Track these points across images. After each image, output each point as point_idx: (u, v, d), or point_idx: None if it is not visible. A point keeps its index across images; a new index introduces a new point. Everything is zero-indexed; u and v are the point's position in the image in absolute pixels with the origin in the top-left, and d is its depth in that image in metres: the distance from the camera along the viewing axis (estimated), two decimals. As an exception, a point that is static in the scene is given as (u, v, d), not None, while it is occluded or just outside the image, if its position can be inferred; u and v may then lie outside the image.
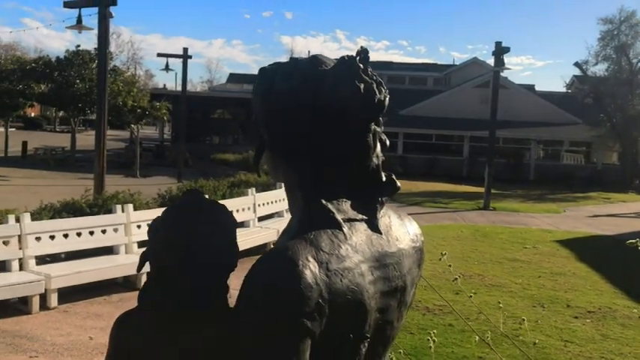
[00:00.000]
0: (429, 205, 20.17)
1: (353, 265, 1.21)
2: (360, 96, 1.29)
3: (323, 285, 1.13)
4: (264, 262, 1.16)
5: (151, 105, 25.76)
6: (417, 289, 5.53)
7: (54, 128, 56.43)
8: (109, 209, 8.88)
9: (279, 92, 1.30)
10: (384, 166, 1.40)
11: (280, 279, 1.12)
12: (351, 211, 1.31)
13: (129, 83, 26.16)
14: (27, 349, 6.05)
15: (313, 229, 1.21)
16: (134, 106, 24.84)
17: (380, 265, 1.28)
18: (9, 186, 19.08)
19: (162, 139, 39.47)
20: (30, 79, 26.95)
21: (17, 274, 7.40)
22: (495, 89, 20.82)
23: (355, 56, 1.32)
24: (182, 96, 23.88)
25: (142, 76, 71.86)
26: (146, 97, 25.96)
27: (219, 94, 39.52)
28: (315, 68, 1.31)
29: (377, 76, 1.36)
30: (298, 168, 1.32)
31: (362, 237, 1.28)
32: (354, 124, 1.30)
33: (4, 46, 63.82)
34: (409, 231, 1.45)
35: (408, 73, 49.39)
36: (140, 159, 25.97)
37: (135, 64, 67.84)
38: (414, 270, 1.41)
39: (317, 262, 1.15)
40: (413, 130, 34.61)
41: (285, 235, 1.26)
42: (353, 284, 1.19)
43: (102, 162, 12.30)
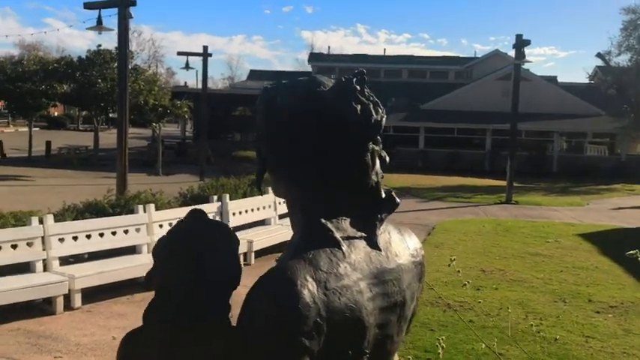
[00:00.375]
0: (450, 200, 20.08)
1: (351, 282, 1.24)
2: (357, 117, 1.32)
3: (321, 303, 1.16)
4: (264, 282, 1.19)
5: (172, 103, 25.96)
6: (437, 286, 5.52)
7: (77, 127, 57.13)
8: (131, 209, 8.99)
9: (279, 113, 1.34)
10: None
11: (279, 299, 1.15)
12: (351, 228, 1.34)
13: (150, 82, 26.37)
14: (51, 350, 6.16)
15: (312, 248, 1.24)
16: (155, 104, 25.06)
17: (379, 281, 1.31)
18: (34, 186, 19.39)
19: (184, 136, 39.75)
20: (52, 80, 27.31)
21: (41, 275, 7.53)
22: (516, 82, 20.62)
23: (352, 78, 1.36)
24: (203, 94, 24.00)
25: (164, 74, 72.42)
26: (167, 96, 26.18)
27: (240, 91, 39.63)
28: (313, 89, 1.34)
29: (373, 96, 1.39)
30: (298, 187, 1.35)
31: (361, 254, 1.31)
32: (353, 144, 1.34)
33: (27, 46, 64.70)
34: (409, 246, 1.47)
35: (429, 67, 49.09)
36: (162, 157, 26.20)
37: (156, 62, 68.40)
38: (413, 284, 1.44)
39: (315, 281, 1.18)
40: (434, 125, 34.42)
41: (286, 252, 1.29)
42: (351, 302, 1.22)
43: (124, 161, 12.45)
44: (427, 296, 7.85)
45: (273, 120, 1.36)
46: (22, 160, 28.24)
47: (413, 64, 49.70)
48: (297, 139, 1.32)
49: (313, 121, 1.31)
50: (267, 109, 1.37)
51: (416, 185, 23.97)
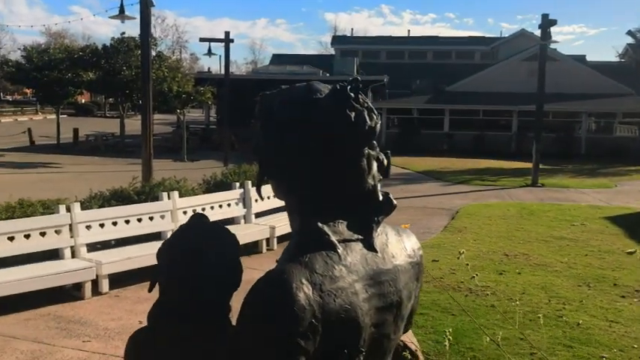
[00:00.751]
0: (475, 183, 19.95)
1: (346, 284, 1.29)
2: (351, 124, 1.36)
3: (316, 305, 1.22)
4: (261, 285, 1.25)
5: (196, 90, 26.09)
6: (460, 271, 5.53)
7: (104, 114, 57.75)
8: (156, 196, 9.12)
9: (276, 120, 1.39)
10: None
11: (275, 302, 1.20)
12: (347, 231, 1.39)
13: (173, 69, 26.51)
14: (80, 334, 6.32)
15: (309, 252, 1.30)
16: (179, 91, 25.21)
17: (375, 282, 1.36)
18: (62, 173, 19.73)
19: (208, 122, 39.95)
20: (78, 68, 27.62)
21: (70, 262, 7.71)
22: (542, 63, 20.31)
23: (347, 85, 1.40)
24: (225, 80, 24.07)
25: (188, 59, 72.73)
26: (191, 82, 26.30)
27: (263, 75, 39.55)
28: (310, 97, 1.39)
29: (368, 102, 1.43)
30: (295, 192, 1.41)
31: (357, 256, 1.36)
32: (347, 150, 1.38)
33: (54, 34, 65.47)
34: (406, 247, 1.52)
35: (455, 48, 48.51)
36: (187, 143, 26.41)
37: (180, 47, 68.71)
38: (410, 284, 1.49)
39: (311, 284, 1.24)
40: (459, 107, 34.07)
41: (284, 255, 1.35)
42: (346, 303, 1.27)
43: (149, 149, 12.60)
44: (449, 281, 7.87)
45: (270, 127, 1.40)
46: (50, 147, 28.70)
47: (438, 45, 49.13)
48: (292, 145, 1.36)
49: (309, 129, 1.35)
50: (264, 116, 1.42)
51: (440, 169, 23.85)
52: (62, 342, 6.10)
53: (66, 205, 7.98)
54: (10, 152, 26.85)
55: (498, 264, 8.96)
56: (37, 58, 28.47)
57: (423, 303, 6.97)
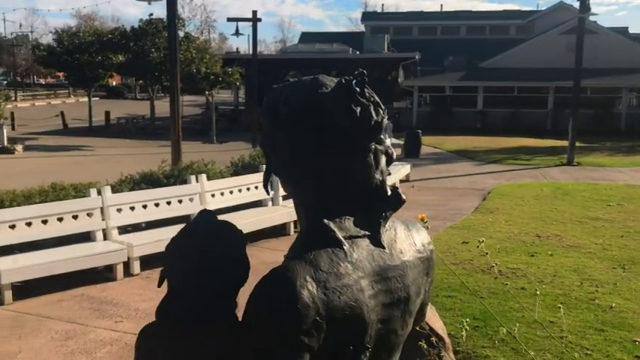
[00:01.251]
0: (508, 162, 19.68)
1: (352, 281, 1.28)
2: (356, 119, 1.34)
3: (320, 303, 1.22)
4: (265, 282, 1.25)
5: (224, 71, 26.10)
6: (491, 253, 5.41)
7: (135, 96, 58.31)
8: (185, 179, 9.19)
9: (282, 115, 1.37)
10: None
11: (279, 299, 1.21)
12: (354, 227, 1.37)
13: (201, 50, 26.53)
14: (112, 315, 6.44)
15: (314, 249, 1.29)
16: (207, 72, 25.25)
17: (381, 278, 1.35)
18: (94, 156, 20.03)
19: (237, 103, 40.05)
20: (108, 50, 27.87)
21: (102, 244, 7.84)
22: (580, 37, 19.79)
23: (352, 79, 1.37)
24: (253, 60, 24.04)
25: (216, 39, 72.85)
26: (219, 63, 26.32)
27: (291, 55, 39.52)
28: (315, 91, 1.36)
29: (375, 97, 1.40)
30: (300, 188, 1.40)
31: (363, 253, 1.35)
32: (353, 145, 1.36)
33: (84, 16, 66.17)
34: (415, 242, 1.50)
35: (489, 22, 47.67)
36: (216, 125, 26.53)
37: (208, 27, 68.80)
38: (419, 279, 1.48)
39: (315, 281, 1.24)
40: (493, 84, 33.40)
41: (290, 251, 1.34)
42: (351, 300, 1.27)
43: (177, 132, 12.67)
44: (479, 263, 7.79)
45: (276, 122, 1.39)
46: (83, 130, 29.15)
47: (471, 20, 48.34)
48: (297, 141, 1.35)
49: (314, 124, 1.34)
50: (270, 111, 1.41)
51: (473, 147, 23.57)
52: (95, 322, 6.22)
53: (97, 189, 8.10)
54: (43, 135, 27.34)
55: (530, 246, 8.83)
56: (68, 41, 28.83)
57: (451, 285, 6.92)
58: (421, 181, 15.72)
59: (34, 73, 69.24)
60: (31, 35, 70.51)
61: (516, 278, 7.27)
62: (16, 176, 15.11)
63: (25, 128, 29.28)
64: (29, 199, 7.86)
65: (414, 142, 21.02)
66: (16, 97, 48.41)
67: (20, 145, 22.12)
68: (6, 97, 24.14)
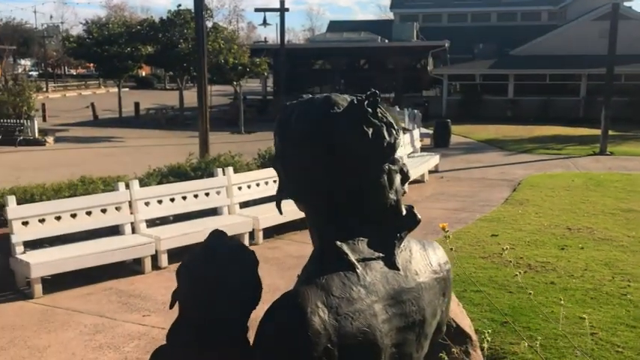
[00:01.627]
0: (539, 152, 19.36)
1: (365, 306, 1.26)
2: (368, 141, 1.31)
3: (332, 329, 1.20)
4: (276, 308, 1.24)
5: (251, 61, 26.12)
6: (520, 246, 5.35)
7: (164, 86, 58.77)
8: (212, 172, 9.22)
9: (294, 134, 1.35)
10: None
11: (290, 326, 1.19)
12: (367, 249, 1.34)
13: (229, 40, 26.57)
14: (140, 309, 6.50)
15: (326, 272, 1.27)
16: (235, 63, 25.29)
17: (396, 301, 1.33)
18: (124, 147, 20.25)
19: (265, 93, 40.11)
20: (136, 42, 28.11)
21: (130, 237, 7.91)
22: (614, 22, 19.30)
23: (364, 100, 1.34)
24: (280, 50, 24.04)
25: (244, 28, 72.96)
26: (246, 54, 26.31)
27: (319, 44, 39.36)
28: (327, 111, 1.34)
29: (387, 117, 1.37)
30: (312, 209, 1.37)
31: (377, 276, 1.32)
32: (366, 166, 1.33)
33: (114, 6, 66.84)
34: (431, 262, 1.47)
35: (520, 9, 46.76)
36: (244, 115, 26.60)
37: (237, 17, 68.98)
38: (435, 301, 1.45)
39: (327, 307, 1.21)
40: (524, 71, 32.83)
41: (302, 273, 1.32)
42: (364, 326, 1.24)
43: (205, 124, 12.72)
44: (508, 256, 7.68)
45: (287, 142, 1.37)
46: (113, 120, 29.49)
47: (502, 7, 47.48)
48: (309, 161, 1.32)
49: (325, 144, 1.31)
50: (282, 130, 1.39)
51: (503, 137, 23.26)
52: (123, 316, 6.29)
53: (125, 183, 8.17)
54: (74, 127, 27.71)
55: (560, 238, 8.68)
56: (97, 32, 29.16)
57: (479, 280, 6.84)
58: (450, 171, 15.57)
59: (65, 64, 70.20)
60: (61, 26, 71.59)
61: (546, 272, 7.15)
62: (47, 168, 15.36)
63: (56, 119, 29.72)
64: (58, 192, 7.97)
65: (444, 131, 20.83)
66: (47, 88, 49.17)
67: (51, 136, 22.43)
68: (37, 89, 24.50)
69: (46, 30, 67.46)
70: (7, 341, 5.70)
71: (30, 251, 7.14)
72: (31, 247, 7.23)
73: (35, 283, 6.82)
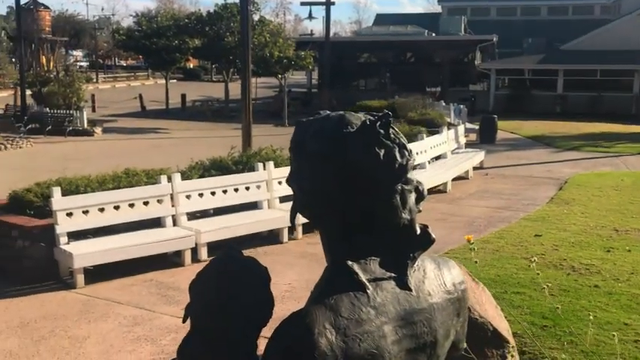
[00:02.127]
0: (588, 150, 18.85)
1: (374, 328, 1.26)
2: (380, 162, 1.31)
3: (339, 351, 1.21)
4: (284, 328, 1.25)
5: (297, 54, 26.13)
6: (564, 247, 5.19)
7: (211, 78, 59.37)
8: (253, 166, 9.26)
9: (307, 153, 1.36)
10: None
11: (297, 347, 1.21)
12: (379, 269, 1.34)
13: (275, 34, 26.66)
14: (179, 301, 6.57)
15: (335, 292, 1.27)
16: (280, 56, 25.35)
17: (407, 323, 1.32)
18: (170, 139, 20.56)
19: (310, 85, 40.14)
20: (184, 35, 28.47)
21: (171, 230, 8.02)
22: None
23: (376, 121, 1.35)
24: (326, 43, 24.00)
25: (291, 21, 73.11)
26: (292, 47, 26.34)
27: (364, 37, 39.19)
28: (340, 131, 1.34)
29: (400, 137, 1.37)
30: (326, 226, 1.38)
31: (388, 296, 1.31)
32: (378, 186, 1.33)
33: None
34: (445, 282, 1.46)
35: (572, 2, 45.65)
36: (288, 108, 26.68)
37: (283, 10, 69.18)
38: (448, 322, 1.43)
39: (334, 328, 1.22)
40: (575, 66, 31.98)
41: (314, 291, 1.33)
42: (373, 347, 1.24)
43: (248, 118, 12.81)
44: (551, 258, 7.50)
45: (301, 160, 1.38)
46: (160, 112, 29.96)
47: (553, 0, 46.42)
48: (322, 180, 1.33)
49: (337, 164, 1.31)
50: (297, 148, 1.40)
51: (551, 133, 22.75)
52: (162, 308, 6.38)
53: (167, 176, 8.28)
54: (122, 117, 28.26)
55: (606, 240, 8.42)
56: (147, 25, 29.64)
57: (520, 281, 6.69)
58: (495, 168, 15.31)
59: (116, 56, 71.59)
60: (112, 18, 73.04)
61: (590, 275, 6.95)
62: (94, 159, 15.71)
63: (105, 110, 30.35)
64: (103, 184, 8.11)
65: (489, 127, 20.49)
66: (97, 79, 50.27)
67: (99, 127, 22.89)
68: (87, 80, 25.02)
69: (98, 22, 68.95)
70: (48, 330, 5.85)
71: (73, 242, 7.30)
72: (75, 238, 7.39)
73: (77, 274, 6.97)
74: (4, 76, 38.31)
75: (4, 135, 19.51)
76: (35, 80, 25.22)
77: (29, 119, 21.82)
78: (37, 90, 24.26)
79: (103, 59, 67.80)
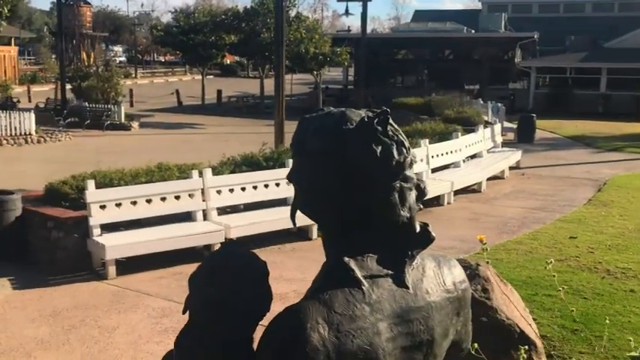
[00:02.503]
0: (629, 151, 18.37)
1: (368, 324, 1.26)
2: (377, 159, 1.32)
3: (331, 346, 1.21)
4: (278, 322, 1.26)
5: (332, 51, 26.06)
6: (600, 249, 5.05)
7: (247, 74, 59.72)
8: (283, 163, 9.28)
9: (307, 150, 1.37)
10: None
11: (289, 341, 1.22)
12: (377, 266, 1.33)
13: (311, 30, 26.66)
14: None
15: (331, 288, 1.27)
16: (316, 53, 25.32)
17: (402, 320, 1.32)
18: (204, 134, 20.74)
19: (346, 82, 40.05)
20: (221, 31, 28.67)
21: (202, 224, 8.08)
22: None
23: (374, 118, 1.35)
24: (362, 40, 23.88)
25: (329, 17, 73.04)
26: (328, 43, 26.28)
27: (402, 34, 38.88)
28: (339, 128, 1.34)
29: (399, 135, 1.37)
30: (325, 223, 1.39)
31: (384, 294, 1.31)
32: (375, 183, 1.33)
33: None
34: (445, 281, 1.44)
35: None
36: (323, 104, 26.65)
37: (321, 5, 69.12)
38: (447, 321, 1.42)
39: (327, 323, 1.23)
40: (619, 65, 31.13)
41: (311, 286, 1.34)
42: (365, 344, 1.25)
43: (281, 114, 12.84)
44: (585, 261, 7.34)
45: (301, 156, 1.39)
46: (196, 107, 30.23)
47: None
48: (321, 176, 1.34)
49: (337, 161, 1.32)
50: (297, 144, 1.41)
51: (592, 133, 22.27)
52: (190, 302, 6.42)
53: (199, 171, 8.34)
54: (159, 113, 28.61)
55: (646, 244, 8.19)
56: (184, 21, 29.97)
57: (553, 284, 6.54)
58: (532, 168, 15.04)
59: (154, 51, 72.53)
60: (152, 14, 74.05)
61: (626, 279, 6.77)
62: (129, 153, 15.93)
63: (143, 105, 30.78)
64: (136, 178, 8.21)
65: (528, 126, 20.16)
66: (136, 75, 51.00)
67: (136, 121, 23.20)
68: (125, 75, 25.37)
69: (137, 17, 69.92)
70: (79, 320, 5.95)
71: (106, 234, 7.42)
72: (108, 230, 7.50)
73: (109, 265, 7.08)
74: (46, 71, 39.20)
75: (44, 128, 19.92)
76: (75, 75, 25.70)
77: (68, 113, 22.27)
78: (77, 84, 24.72)
79: (142, 55, 68.75)
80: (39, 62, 50.05)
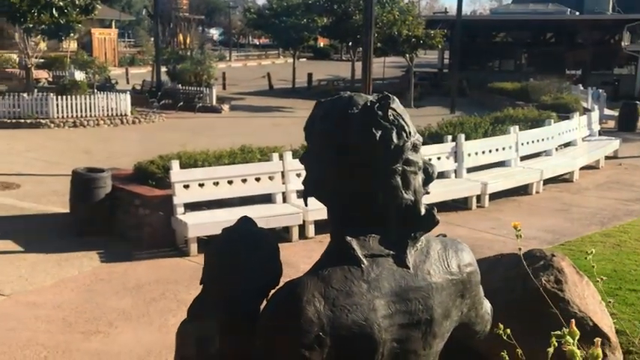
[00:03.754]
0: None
1: (364, 301, 1.32)
2: (375, 142, 1.36)
3: (326, 319, 1.28)
4: (277, 295, 1.36)
5: (426, 33, 25.53)
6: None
7: (340, 57, 59.58)
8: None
9: (315, 133, 1.43)
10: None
11: (285, 313, 1.30)
12: (378, 246, 1.39)
13: (405, 11, 26.21)
14: (285, 274, 6.73)
15: (331, 265, 1.34)
16: (408, 35, 24.90)
17: (401, 299, 1.37)
18: (293, 117, 20.94)
19: (441, 66, 39.22)
20: (313, 13, 28.72)
21: (281, 206, 8.24)
22: None
23: (375, 102, 1.39)
24: (457, 22, 23.34)
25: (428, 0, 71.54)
26: (421, 26, 25.76)
27: (500, 16, 37.62)
28: (346, 111, 1.39)
29: (400, 119, 1.40)
30: (329, 204, 1.44)
31: (383, 272, 1.36)
32: (374, 167, 1.38)
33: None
34: (450, 263, 1.48)
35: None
36: (415, 89, 26.26)
37: (422, -14, 67.72)
38: (448, 302, 1.45)
39: (324, 297, 1.29)
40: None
41: (315, 263, 1.40)
42: (361, 319, 1.30)
43: (366, 97, 12.74)
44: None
45: (311, 139, 1.45)
46: (286, 91, 30.56)
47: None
48: (327, 159, 1.38)
49: (340, 144, 1.37)
50: (308, 127, 1.46)
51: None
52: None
53: (279, 154, 8.47)
54: (250, 96, 29.14)
55: None
56: (277, 3, 30.26)
57: (638, 279, 6.22)
58: (631, 158, 14.24)
59: (249, 34, 73.63)
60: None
61: None
62: (217, 135, 16.34)
63: (235, 88, 31.41)
64: (219, 159, 8.46)
65: (630, 114, 19.10)
66: (230, 57, 52.02)
67: (227, 104, 23.71)
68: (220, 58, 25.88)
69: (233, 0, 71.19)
70: (159, 293, 6.23)
71: (189, 212, 7.70)
72: (191, 209, 7.78)
73: (191, 242, 7.35)
74: (144, 53, 40.74)
75: (139, 109, 20.76)
76: (170, 57, 26.53)
77: (162, 95, 23.05)
78: (172, 67, 25.53)
79: (237, 37, 69.88)
80: (138, 45, 52.02)
